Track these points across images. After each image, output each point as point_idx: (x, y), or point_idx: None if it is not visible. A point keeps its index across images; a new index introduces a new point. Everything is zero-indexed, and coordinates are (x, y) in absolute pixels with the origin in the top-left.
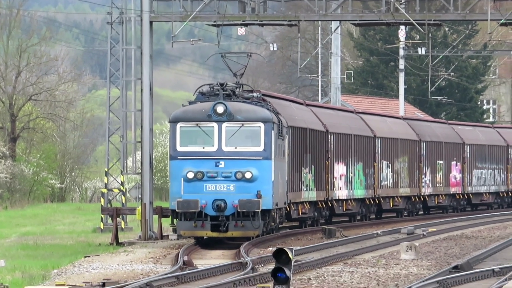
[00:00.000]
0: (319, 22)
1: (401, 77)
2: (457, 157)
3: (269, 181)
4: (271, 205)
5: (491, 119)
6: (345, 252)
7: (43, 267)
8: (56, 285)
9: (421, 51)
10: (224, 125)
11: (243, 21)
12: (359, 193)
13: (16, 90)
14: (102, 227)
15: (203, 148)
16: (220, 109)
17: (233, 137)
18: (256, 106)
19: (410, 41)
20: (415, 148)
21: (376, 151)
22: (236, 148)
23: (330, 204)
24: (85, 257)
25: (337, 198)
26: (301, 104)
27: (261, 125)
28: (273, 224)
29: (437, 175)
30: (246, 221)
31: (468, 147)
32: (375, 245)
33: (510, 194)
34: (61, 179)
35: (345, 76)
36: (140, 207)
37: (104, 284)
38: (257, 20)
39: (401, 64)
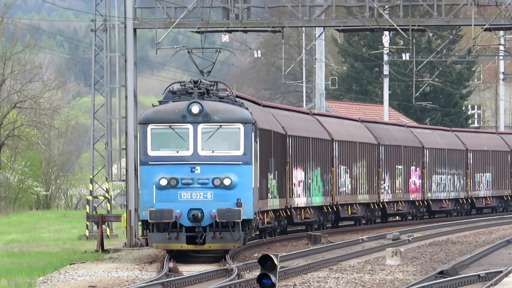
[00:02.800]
0: (303, 28)
1: (386, 82)
2: (417, 161)
3: (250, 188)
4: (252, 214)
5: (475, 124)
6: (331, 258)
7: (28, 274)
8: None
9: (405, 56)
10: (200, 126)
11: (227, 27)
12: (317, 200)
13: (0, 98)
14: (87, 234)
15: (177, 152)
16: (195, 109)
17: (210, 140)
18: (234, 105)
19: (394, 46)
20: (373, 152)
21: (334, 155)
22: (213, 152)
23: (289, 213)
24: (71, 264)
25: (296, 206)
26: (259, 104)
27: (241, 126)
28: (253, 235)
29: (396, 180)
30: (225, 232)
31: (427, 151)
32: (360, 251)
33: (470, 201)
34: (46, 186)
35: (330, 82)
36: (125, 214)
37: None
38: (241, 27)
39: (386, 69)
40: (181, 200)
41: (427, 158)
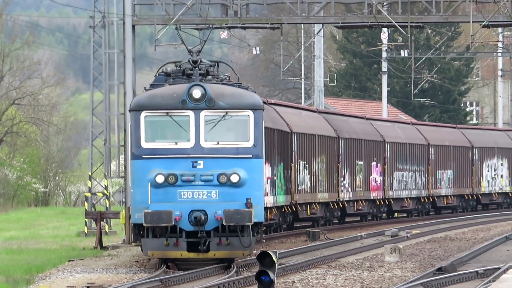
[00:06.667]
0: (302, 24)
1: (384, 79)
2: (378, 157)
3: (261, 185)
4: (263, 216)
5: (474, 121)
6: (329, 254)
7: (27, 271)
8: None
9: (404, 53)
10: (203, 113)
11: (225, 24)
12: (281, 199)
13: None
14: (86, 231)
15: (176, 143)
16: (197, 93)
17: (215, 129)
18: (241, 88)
19: (393, 43)
20: (333, 146)
21: (293, 149)
22: (218, 143)
23: None
24: (69, 261)
25: (265, 206)
26: None
27: (250, 113)
28: (263, 241)
29: (357, 177)
30: (233, 237)
31: (388, 145)
32: (359, 247)
33: (431, 200)
34: (45, 183)
35: (328, 79)
36: (124, 210)
37: None
38: (239, 23)
39: (384, 66)
40: (181, 200)
41: (388, 153)
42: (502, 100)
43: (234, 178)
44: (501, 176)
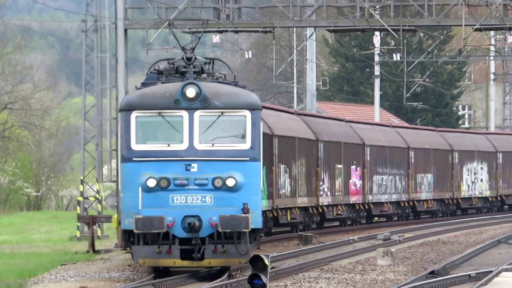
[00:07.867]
0: (294, 28)
1: (377, 83)
2: (357, 160)
3: (258, 190)
4: (260, 222)
5: (466, 125)
6: (322, 258)
7: (19, 275)
8: None
9: (396, 57)
10: (197, 114)
11: (218, 28)
12: (264, 204)
13: None
14: (78, 235)
15: (169, 145)
16: (191, 91)
17: (210, 130)
18: (237, 87)
19: (385, 47)
20: (312, 149)
21: (274, 152)
22: (213, 145)
23: None
24: (62, 265)
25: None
26: None
27: (247, 113)
28: (261, 248)
29: (336, 181)
30: (229, 245)
31: (368, 148)
32: (351, 251)
33: (411, 204)
34: (37, 187)
35: (321, 83)
36: (116, 214)
37: None
38: (232, 27)
39: (377, 70)
40: (173, 205)
41: (368, 156)
42: (494, 104)
43: (230, 182)
44: (481, 180)
